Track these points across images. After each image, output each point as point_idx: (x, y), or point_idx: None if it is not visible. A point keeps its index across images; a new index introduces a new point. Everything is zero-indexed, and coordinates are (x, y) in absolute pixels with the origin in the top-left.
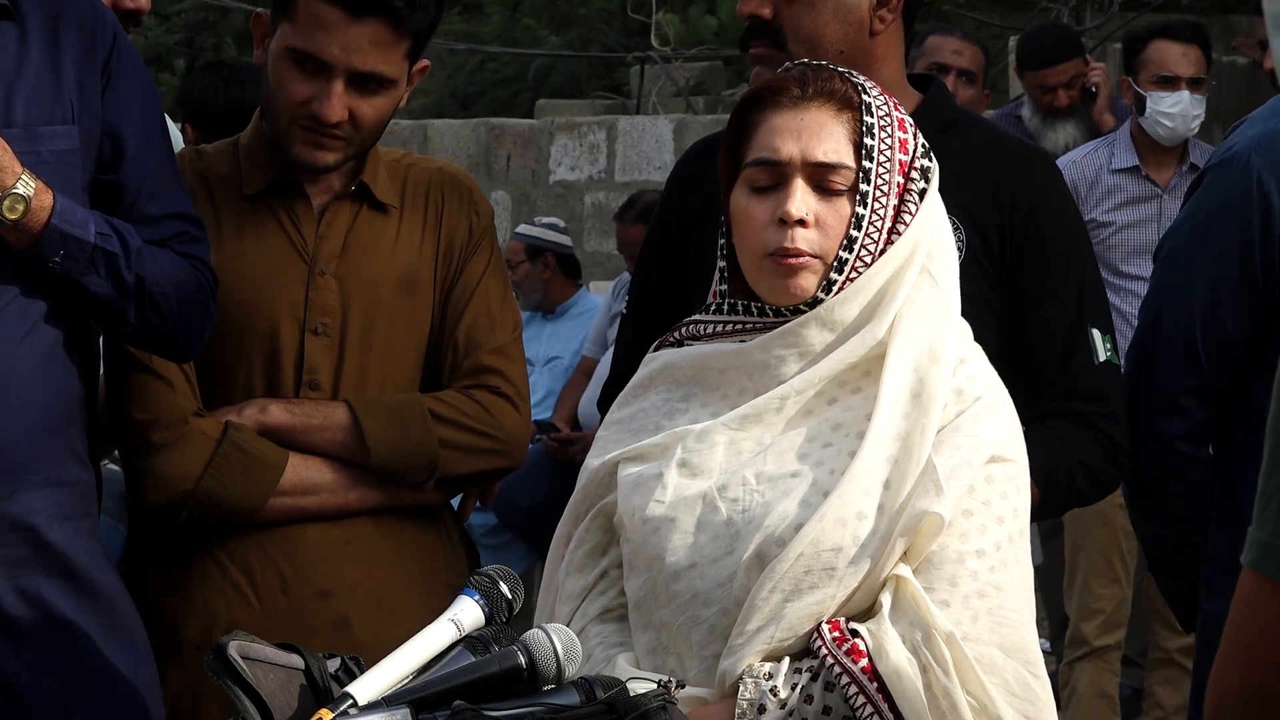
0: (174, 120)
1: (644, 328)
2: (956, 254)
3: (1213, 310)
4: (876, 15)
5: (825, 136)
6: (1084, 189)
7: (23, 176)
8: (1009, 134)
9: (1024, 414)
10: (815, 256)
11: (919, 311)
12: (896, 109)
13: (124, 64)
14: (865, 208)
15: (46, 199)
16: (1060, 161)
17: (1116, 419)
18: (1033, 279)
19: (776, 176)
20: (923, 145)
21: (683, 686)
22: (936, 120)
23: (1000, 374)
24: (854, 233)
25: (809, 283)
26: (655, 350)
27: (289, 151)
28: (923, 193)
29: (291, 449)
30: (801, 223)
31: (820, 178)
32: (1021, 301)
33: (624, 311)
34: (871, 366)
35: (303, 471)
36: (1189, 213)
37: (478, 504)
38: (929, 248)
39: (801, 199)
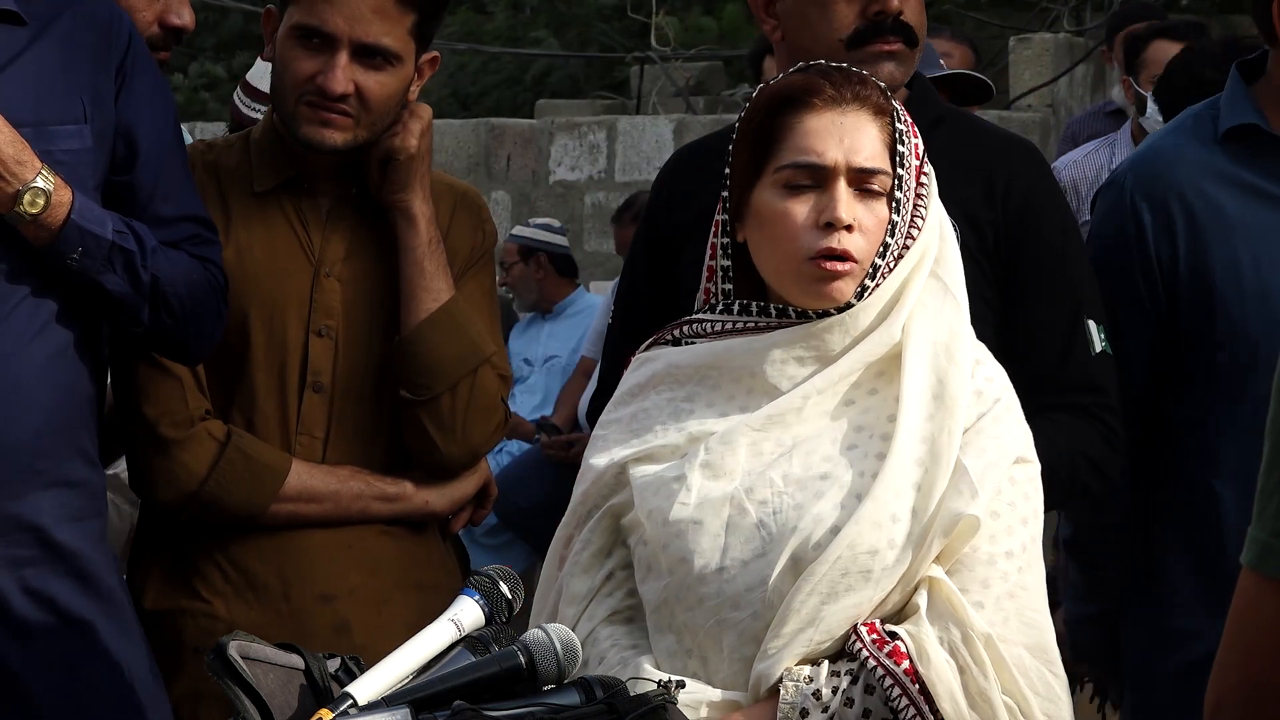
0: None
1: (634, 337)
2: (960, 257)
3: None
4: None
5: (867, 141)
6: (1085, 189)
7: (42, 171)
8: (996, 128)
9: (1023, 407)
10: (857, 262)
11: (930, 312)
12: (906, 114)
13: (138, 66)
14: (898, 214)
15: (66, 195)
16: (1061, 161)
17: (1115, 409)
18: (1029, 273)
19: (817, 179)
20: (924, 150)
21: (683, 686)
22: (924, 118)
23: None
24: (888, 239)
25: (849, 287)
26: (647, 349)
27: (297, 132)
28: (927, 197)
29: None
30: (848, 227)
31: (861, 182)
32: (1018, 296)
33: (609, 323)
34: (885, 367)
35: (306, 479)
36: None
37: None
38: (936, 251)
39: (848, 203)
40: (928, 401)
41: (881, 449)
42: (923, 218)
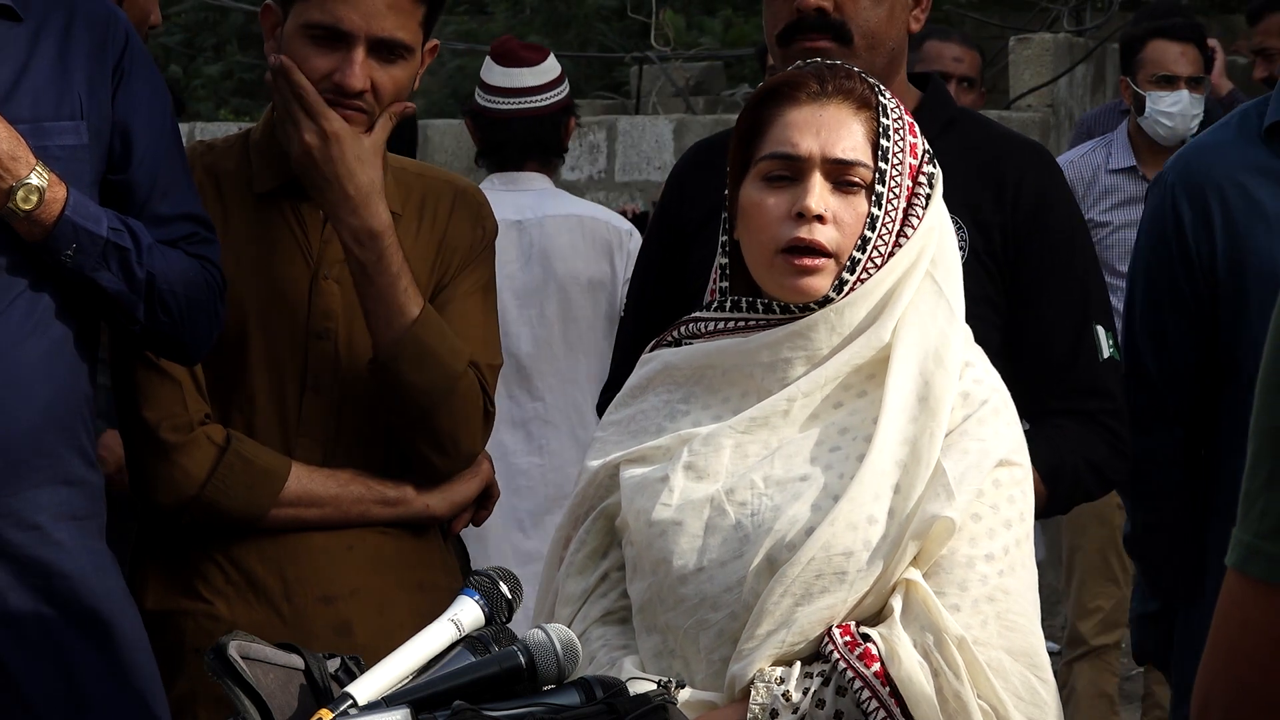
0: None
1: (645, 334)
2: (960, 260)
3: (1158, 331)
4: (912, 14)
5: (845, 134)
6: (1081, 189)
7: (36, 168)
8: (1009, 131)
9: (1028, 411)
10: (830, 255)
11: (922, 315)
12: (906, 113)
13: (135, 64)
14: (879, 208)
15: (60, 191)
16: (1058, 160)
17: (1121, 415)
18: (1036, 277)
19: (793, 171)
20: (927, 151)
21: (683, 686)
22: (938, 119)
23: (1003, 372)
24: (868, 233)
25: (823, 282)
26: (651, 350)
27: None
28: (927, 198)
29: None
30: (819, 218)
31: (838, 174)
32: (1025, 299)
33: (622, 316)
34: (875, 370)
35: (306, 483)
36: (1137, 234)
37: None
38: (933, 253)
39: (820, 194)
40: (912, 404)
41: (863, 451)
42: (919, 218)
